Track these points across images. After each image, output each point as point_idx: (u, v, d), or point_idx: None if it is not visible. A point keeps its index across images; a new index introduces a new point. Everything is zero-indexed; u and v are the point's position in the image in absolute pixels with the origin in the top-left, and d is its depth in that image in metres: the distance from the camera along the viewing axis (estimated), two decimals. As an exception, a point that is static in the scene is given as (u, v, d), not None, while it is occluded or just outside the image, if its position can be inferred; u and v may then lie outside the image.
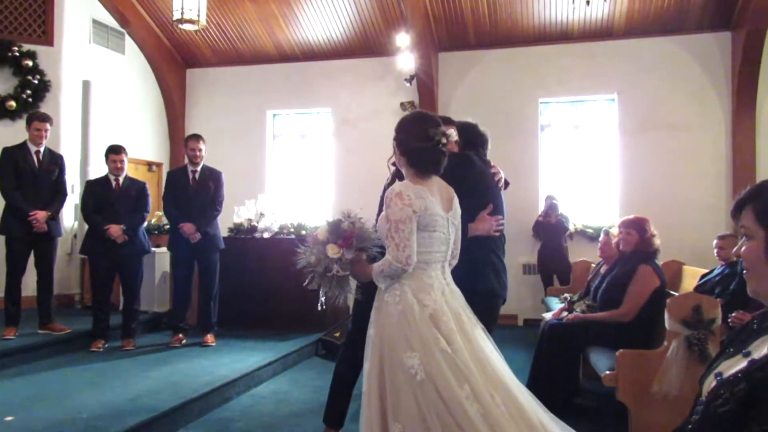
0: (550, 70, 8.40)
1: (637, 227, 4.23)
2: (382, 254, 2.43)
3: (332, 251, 2.45)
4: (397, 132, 2.56)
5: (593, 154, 8.53)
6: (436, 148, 2.48)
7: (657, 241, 4.20)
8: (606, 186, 8.42)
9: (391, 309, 2.37)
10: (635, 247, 4.21)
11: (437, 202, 2.45)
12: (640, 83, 8.13)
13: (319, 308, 2.69)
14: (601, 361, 3.81)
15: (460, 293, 2.54)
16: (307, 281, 2.55)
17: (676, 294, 3.84)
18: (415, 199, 2.37)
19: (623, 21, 7.99)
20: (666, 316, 3.46)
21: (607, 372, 3.60)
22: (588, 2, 5.90)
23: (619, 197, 8.20)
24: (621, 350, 3.55)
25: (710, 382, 1.31)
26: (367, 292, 2.53)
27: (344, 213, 2.54)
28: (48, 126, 5.55)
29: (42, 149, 5.55)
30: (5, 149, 5.50)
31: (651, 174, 8.00)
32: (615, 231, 4.67)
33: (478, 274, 3.02)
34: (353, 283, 2.59)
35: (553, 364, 4.15)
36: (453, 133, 2.54)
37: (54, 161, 5.63)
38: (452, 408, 2.20)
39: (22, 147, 5.51)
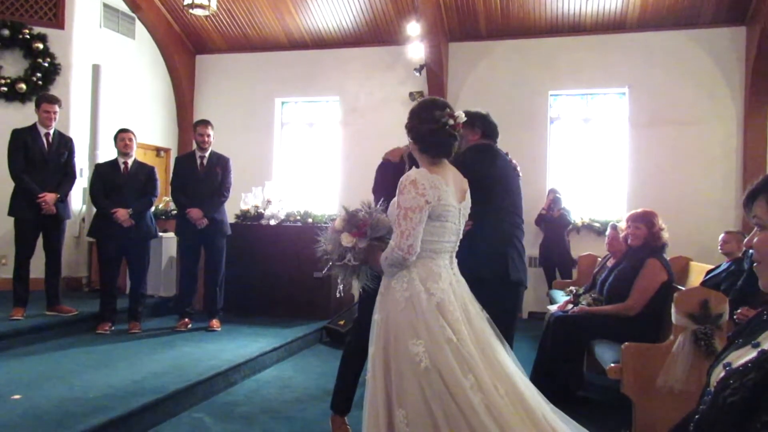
0: (561, 62, 8.35)
1: (645, 221, 4.20)
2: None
3: (346, 240, 2.45)
4: (408, 120, 2.56)
5: (602, 148, 8.48)
6: (443, 130, 2.46)
7: (665, 235, 4.18)
8: (614, 180, 8.38)
9: (398, 296, 2.36)
10: (644, 241, 4.19)
11: (451, 192, 2.43)
12: (652, 77, 8.06)
13: (338, 295, 2.73)
14: (606, 354, 3.80)
15: (466, 284, 2.53)
16: (325, 269, 2.57)
17: (684, 288, 3.83)
18: (429, 188, 2.34)
19: (636, 14, 7.92)
20: (673, 310, 3.44)
21: (612, 364, 3.59)
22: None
23: (627, 192, 8.16)
24: (626, 343, 3.55)
25: (719, 372, 1.30)
26: (376, 279, 2.54)
27: (364, 203, 2.54)
28: (57, 108, 5.56)
29: (52, 132, 5.56)
30: (15, 131, 5.51)
31: (660, 169, 7.95)
32: (623, 225, 4.65)
33: (506, 263, 3.12)
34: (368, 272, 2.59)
35: (557, 356, 4.14)
36: (461, 115, 2.54)
37: (64, 144, 5.65)
38: (456, 397, 2.20)
39: (32, 129, 5.52)
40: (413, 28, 7.95)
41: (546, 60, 8.39)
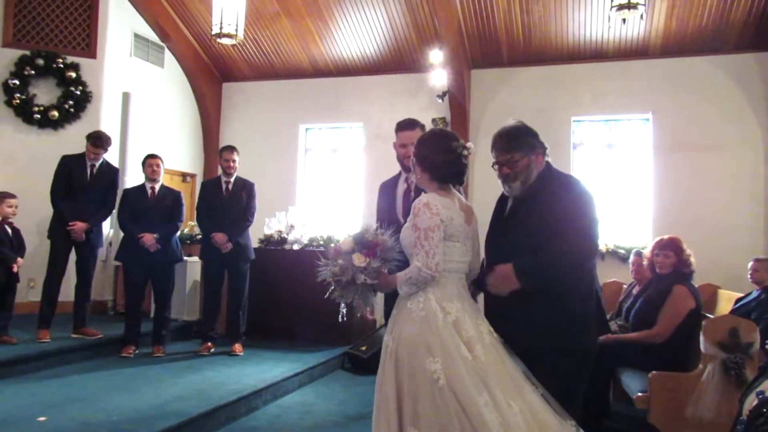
0: (584, 88, 8.35)
1: (674, 248, 4.14)
2: (399, 267, 2.51)
3: (358, 260, 2.49)
4: (419, 149, 2.66)
5: (626, 174, 8.41)
6: (458, 161, 2.59)
7: (693, 260, 4.12)
8: (639, 206, 8.29)
9: (414, 315, 2.43)
10: (673, 269, 4.13)
11: (461, 214, 2.54)
12: (676, 103, 8.02)
13: (340, 320, 2.73)
14: (632, 383, 3.74)
15: (476, 303, 2.60)
16: (328, 293, 2.61)
17: (712, 316, 3.75)
18: (442, 208, 2.46)
19: (659, 40, 7.92)
20: (701, 338, 3.38)
21: (639, 394, 3.53)
22: (624, 20, 5.86)
23: (652, 218, 8.06)
24: (654, 372, 3.48)
25: (752, 401, 1.28)
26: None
27: (365, 227, 2.61)
28: (101, 152, 5.74)
29: (98, 163, 5.76)
30: (64, 158, 5.75)
31: (685, 195, 7.85)
32: (647, 252, 4.59)
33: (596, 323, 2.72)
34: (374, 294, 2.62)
35: (583, 384, 4.07)
36: (472, 146, 2.63)
37: (106, 175, 5.82)
38: (470, 414, 2.24)
39: (80, 158, 5.74)
40: (436, 55, 8.04)
41: (568, 86, 8.41)
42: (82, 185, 5.66)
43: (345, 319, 2.74)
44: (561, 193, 2.58)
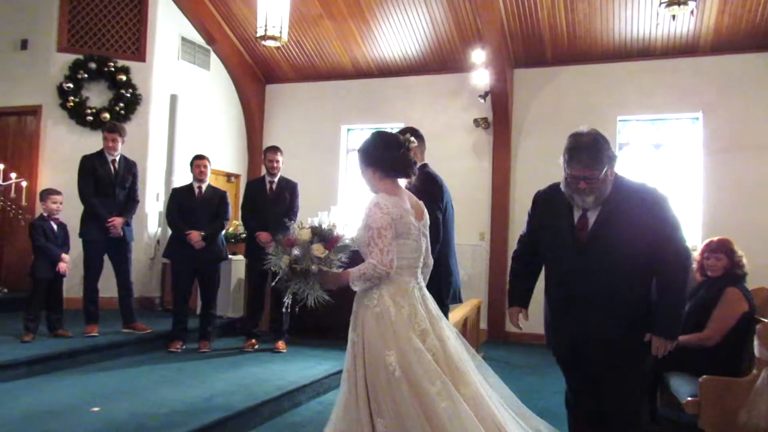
0: (631, 87, 8.17)
1: (725, 250, 4.02)
2: (342, 267, 2.64)
3: (319, 251, 2.60)
4: (367, 149, 2.76)
5: (675, 175, 8.19)
6: (407, 153, 2.74)
7: (745, 262, 4.00)
8: (688, 208, 8.07)
9: (370, 312, 2.58)
10: (724, 271, 4.01)
11: (410, 212, 2.66)
12: (728, 101, 7.77)
13: (284, 310, 2.80)
14: (682, 387, 3.65)
15: (432, 299, 2.73)
16: (275, 281, 2.71)
17: (766, 320, 3.63)
18: (392, 207, 2.59)
19: (710, 37, 7.69)
20: (755, 342, 3.28)
21: (689, 398, 3.44)
22: (674, 17, 5.72)
23: (702, 220, 7.83)
24: (705, 376, 3.39)
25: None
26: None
27: (320, 221, 2.73)
28: (117, 137, 5.80)
29: (118, 158, 5.85)
30: (84, 157, 5.84)
31: (737, 196, 7.60)
32: (696, 255, 4.46)
33: None
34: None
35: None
36: (412, 139, 2.79)
37: (128, 169, 5.93)
38: (424, 404, 2.38)
39: (100, 155, 5.83)
40: (478, 55, 7.99)
41: (614, 85, 8.24)
42: (110, 182, 5.75)
43: (289, 309, 2.76)
44: (653, 204, 2.89)
